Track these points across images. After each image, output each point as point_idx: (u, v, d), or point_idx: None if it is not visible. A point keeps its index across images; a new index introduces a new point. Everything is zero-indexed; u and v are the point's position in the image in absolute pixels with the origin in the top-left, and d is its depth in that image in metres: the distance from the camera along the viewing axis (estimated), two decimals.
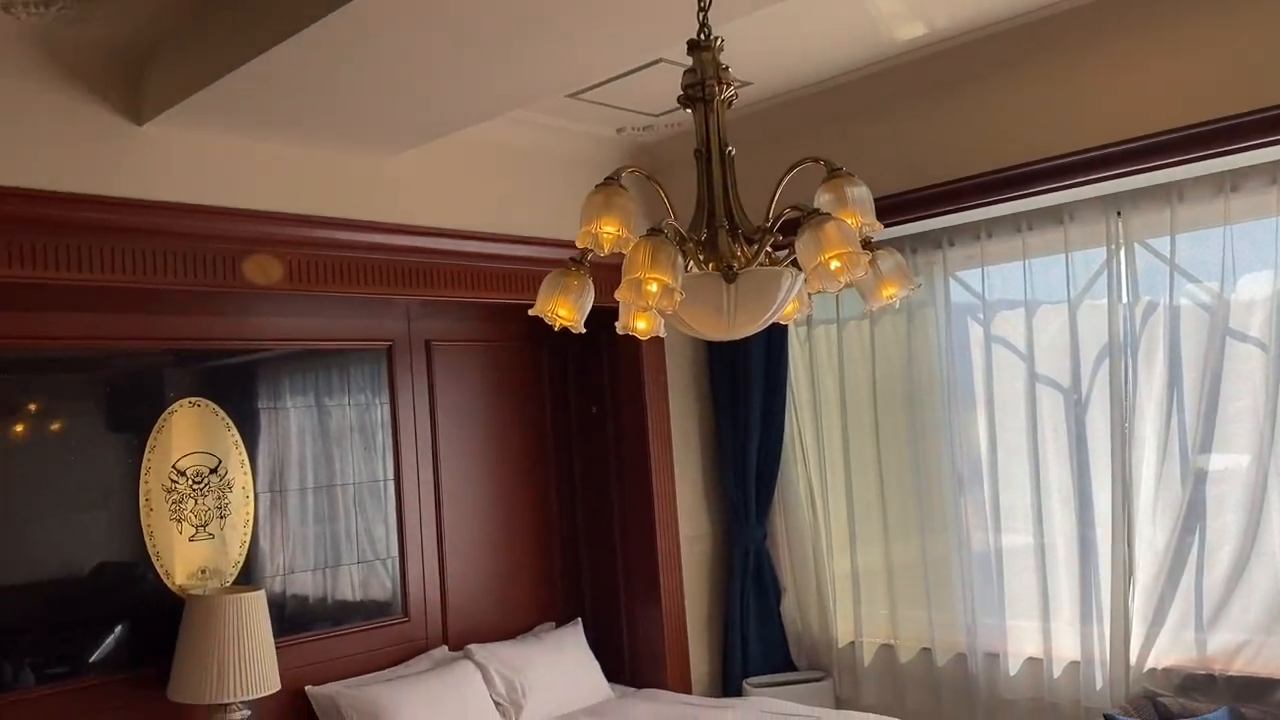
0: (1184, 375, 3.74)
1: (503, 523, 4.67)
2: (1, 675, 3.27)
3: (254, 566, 3.88)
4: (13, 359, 3.39)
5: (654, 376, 4.71)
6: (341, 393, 4.23)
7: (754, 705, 4.10)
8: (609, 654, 4.68)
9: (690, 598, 4.78)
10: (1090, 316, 3.96)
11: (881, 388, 4.56)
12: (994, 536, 4.20)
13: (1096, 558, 3.93)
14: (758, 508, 4.86)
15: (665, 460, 4.72)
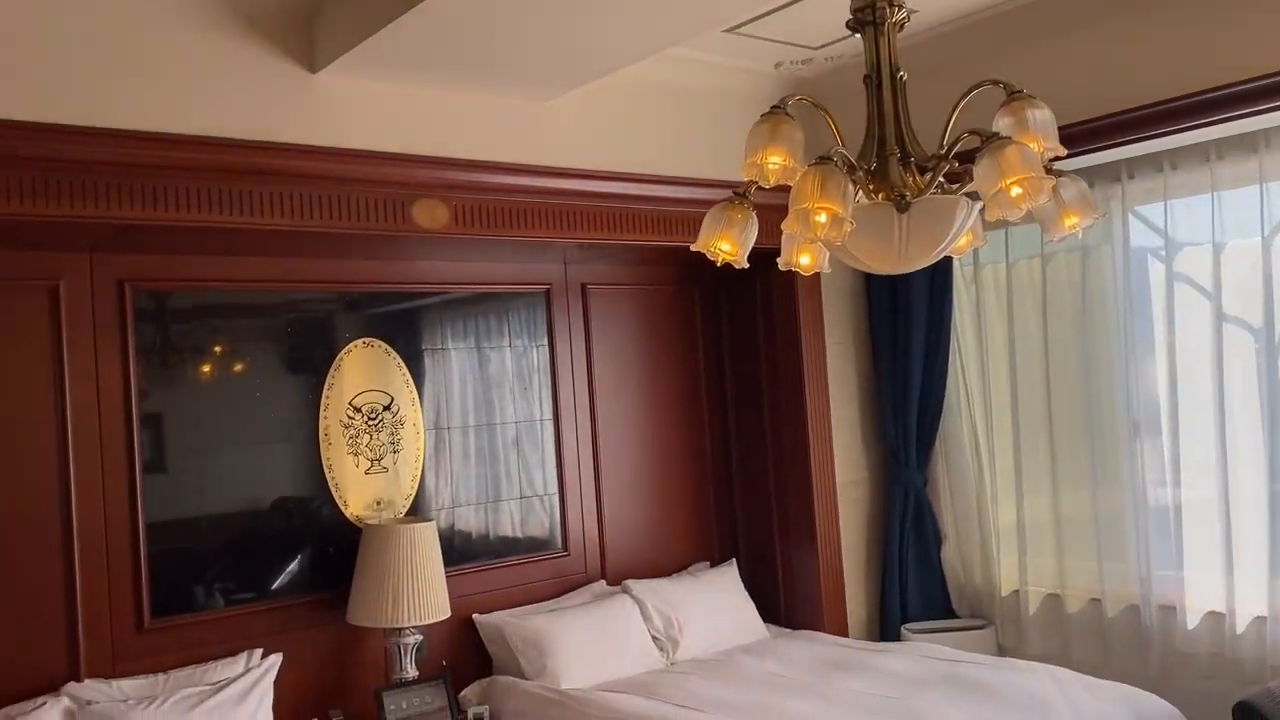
0: None
1: (657, 464, 4.72)
2: (194, 597, 3.52)
3: (423, 500, 4.05)
4: (203, 304, 3.60)
5: (810, 319, 4.65)
6: (502, 335, 4.34)
7: (914, 650, 4.05)
8: (764, 596, 4.69)
9: (847, 542, 4.74)
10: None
11: (1053, 330, 4.37)
12: (1172, 486, 4.00)
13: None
14: (918, 454, 4.76)
15: (822, 404, 4.66)
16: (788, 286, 4.63)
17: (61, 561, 3.28)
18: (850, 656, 3.99)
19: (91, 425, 3.36)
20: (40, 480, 3.26)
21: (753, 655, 4.09)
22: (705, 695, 3.62)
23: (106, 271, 3.41)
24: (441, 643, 3.96)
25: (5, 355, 3.22)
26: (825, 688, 3.63)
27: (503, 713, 3.73)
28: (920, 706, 3.35)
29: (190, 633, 3.48)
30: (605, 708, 3.53)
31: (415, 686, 3.65)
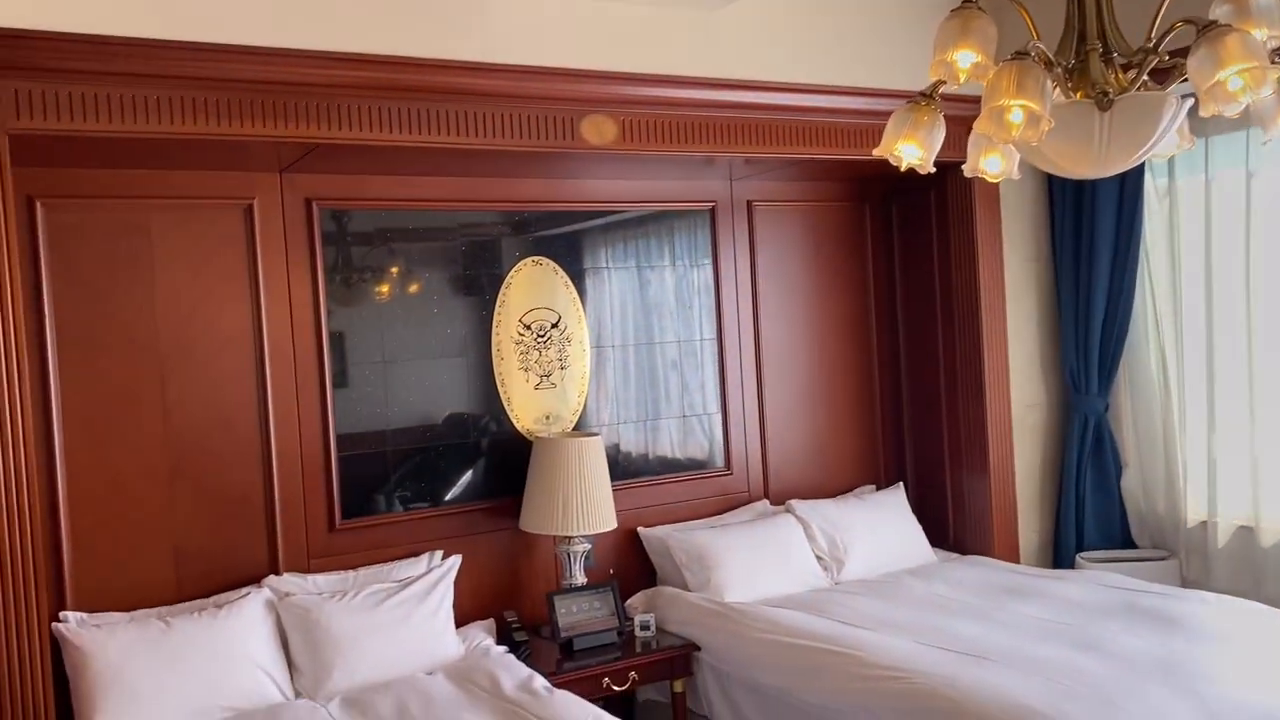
0: None
1: (822, 384, 4.66)
2: (379, 502, 3.72)
3: (588, 416, 4.13)
4: (382, 226, 3.73)
5: (988, 235, 4.45)
6: (666, 254, 4.34)
7: (1090, 578, 3.90)
8: (931, 520, 4.61)
9: (1021, 468, 4.59)
10: None
11: (1257, 251, 4.05)
12: None
13: None
14: (1100, 379, 4.54)
15: (998, 325, 4.48)
16: (965, 202, 4.44)
17: (261, 466, 3.51)
18: (1023, 582, 3.88)
19: (284, 339, 3.55)
20: (241, 389, 3.48)
21: (920, 578, 4.03)
22: (872, 614, 3.60)
23: (295, 191, 3.57)
24: (607, 553, 4.07)
25: (208, 269, 3.43)
26: (997, 612, 3.55)
27: (668, 621, 3.82)
28: (1099, 634, 3.24)
29: (376, 534, 3.68)
30: (771, 622, 3.56)
31: (584, 592, 3.78)
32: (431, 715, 2.90)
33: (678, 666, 3.68)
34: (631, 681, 3.59)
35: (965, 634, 3.33)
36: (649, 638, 3.74)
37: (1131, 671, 2.94)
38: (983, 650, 3.16)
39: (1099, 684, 2.86)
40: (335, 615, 3.26)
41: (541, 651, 3.64)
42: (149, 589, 3.31)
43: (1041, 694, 2.81)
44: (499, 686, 3.07)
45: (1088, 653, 3.09)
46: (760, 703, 3.44)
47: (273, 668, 3.17)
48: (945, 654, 3.16)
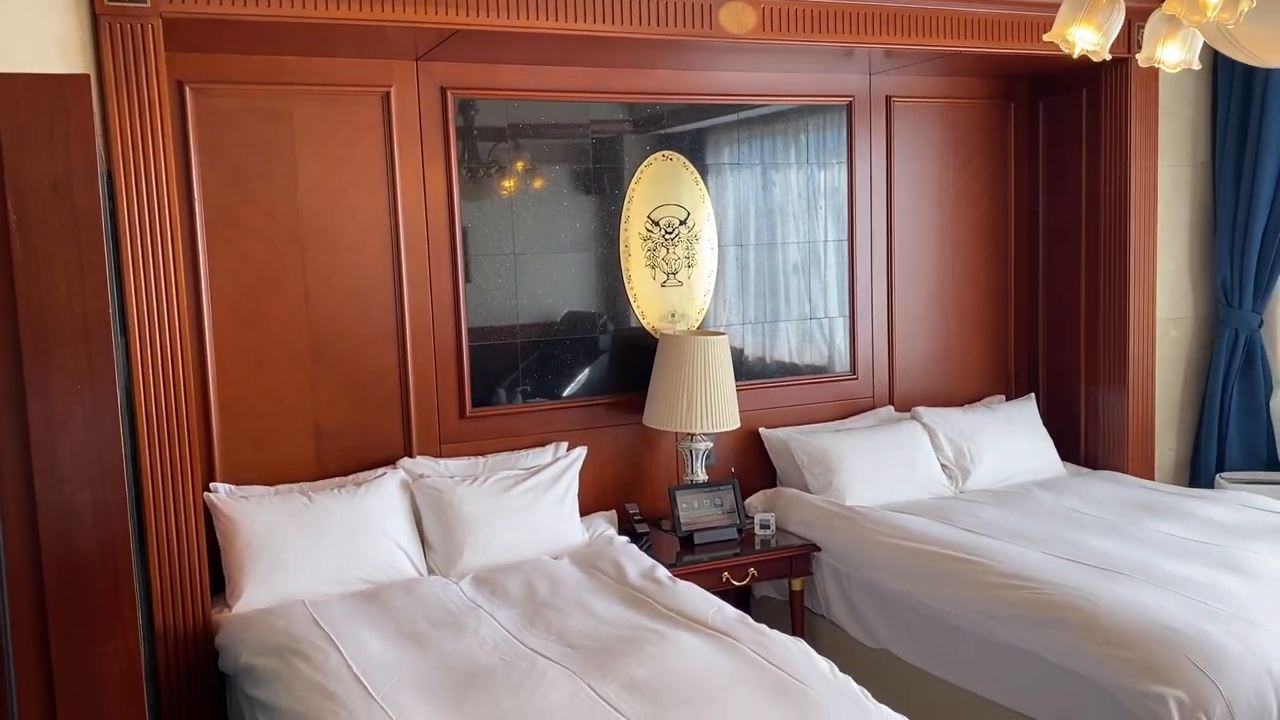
0: None
1: (955, 291, 4.52)
2: (509, 392, 3.78)
3: (714, 314, 4.10)
4: (515, 121, 3.71)
5: (1143, 139, 4.19)
6: (800, 151, 4.22)
7: (1231, 499, 3.75)
8: (1063, 434, 4.47)
9: (1162, 383, 4.41)
10: None
11: None
12: None
13: None
14: (1255, 293, 4.29)
15: (1148, 234, 4.25)
16: (1119, 101, 4.19)
17: (396, 352, 3.60)
18: (1159, 500, 3.76)
19: (419, 229, 3.60)
20: (377, 276, 3.56)
21: (1049, 490, 3.94)
22: (999, 524, 3.54)
23: (430, 80, 3.57)
24: (729, 452, 4.08)
25: (348, 156, 3.48)
26: (1132, 528, 3.45)
27: (788, 522, 3.83)
28: (1241, 555, 3.13)
29: (504, 423, 3.76)
30: (894, 526, 3.53)
31: (705, 489, 3.80)
32: (559, 596, 2.98)
33: (797, 566, 3.70)
34: (750, 577, 3.62)
35: (1098, 548, 3.25)
36: (768, 536, 3.76)
37: (1276, 594, 2.83)
38: (1117, 565, 3.08)
39: (1241, 604, 2.77)
40: (466, 498, 3.36)
41: (662, 543, 3.70)
42: (291, 465, 3.46)
43: (1180, 611, 2.73)
44: (623, 573, 3.13)
45: (1229, 573, 2.98)
46: (880, 605, 3.44)
47: (408, 545, 3.29)
48: (1076, 566, 3.09)
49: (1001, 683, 2.99)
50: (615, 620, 2.78)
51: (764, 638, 2.60)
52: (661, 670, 2.42)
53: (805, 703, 2.26)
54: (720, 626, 2.68)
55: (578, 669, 2.47)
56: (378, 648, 2.67)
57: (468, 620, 2.84)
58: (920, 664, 3.28)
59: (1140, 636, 2.63)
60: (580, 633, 2.72)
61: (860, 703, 2.31)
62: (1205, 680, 2.46)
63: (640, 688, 2.34)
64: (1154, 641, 2.61)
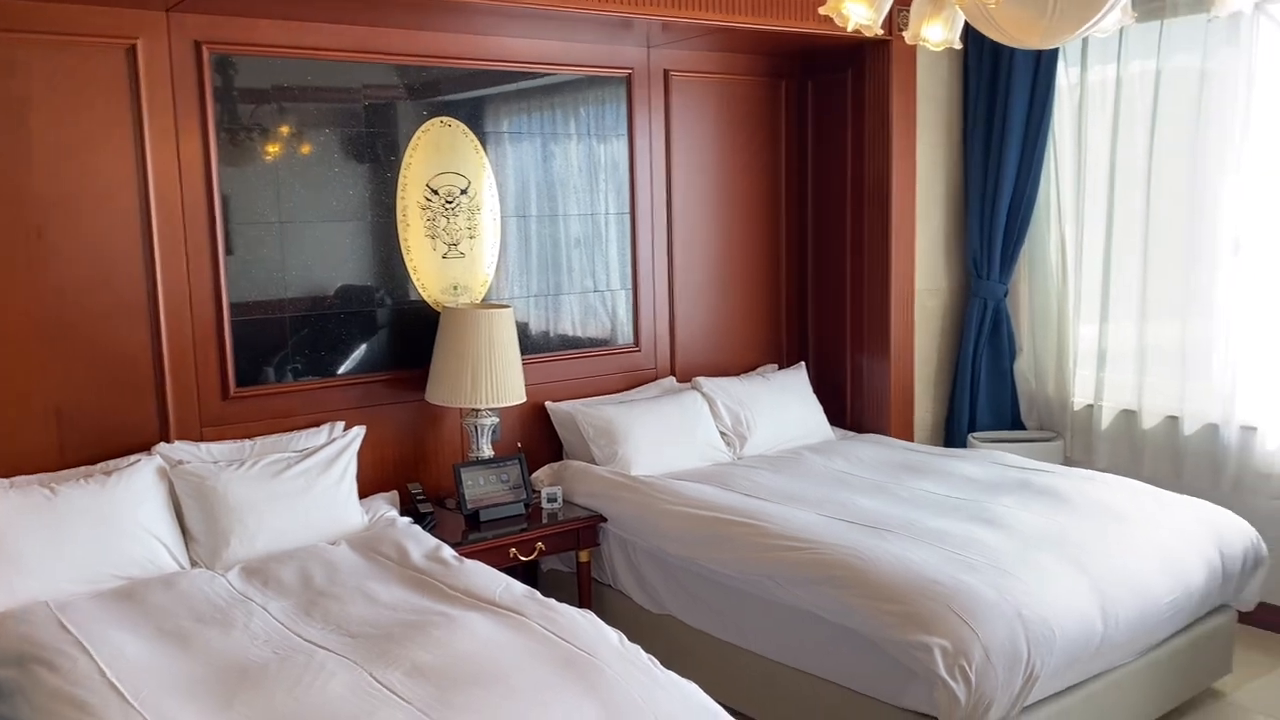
0: None
1: (732, 263, 4.64)
2: (279, 370, 3.57)
3: (498, 287, 4.03)
4: (280, 84, 3.48)
5: (903, 119, 4.42)
6: (584, 122, 4.19)
7: (982, 456, 4.04)
8: (831, 400, 4.69)
9: (920, 350, 4.69)
10: None
11: (1161, 144, 4.13)
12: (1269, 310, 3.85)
13: None
14: (1002, 265, 4.63)
15: (907, 209, 4.50)
16: (882, 83, 4.40)
17: (149, 327, 3.31)
18: (919, 460, 4.00)
19: (172, 194, 3.32)
20: (124, 244, 3.25)
21: (820, 454, 4.11)
22: (774, 487, 3.66)
23: (183, 33, 3.29)
24: (515, 427, 4.03)
25: (88, 114, 3.15)
26: (896, 487, 3.65)
27: (575, 494, 3.82)
28: (993, 508, 3.37)
29: (276, 403, 3.55)
30: (677, 494, 3.59)
31: (491, 465, 3.73)
32: (337, 584, 2.84)
33: (584, 537, 3.70)
34: (538, 552, 3.59)
35: (866, 507, 3.41)
36: (556, 510, 3.74)
37: (1024, 543, 3.07)
38: (884, 523, 3.25)
39: (994, 554, 2.98)
40: (232, 484, 3.14)
41: (447, 523, 3.60)
42: (29, 455, 3.13)
43: (942, 564, 2.90)
44: (406, 556, 3.02)
45: (984, 526, 3.20)
46: (664, 572, 3.49)
47: (167, 536, 3.05)
48: (847, 525, 3.24)
49: (781, 642, 3.10)
50: (398, 605, 2.68)
51: (552, 612, 2.57)
52: (447, 653, 2.34)
53: (594, 675, 2.25)
54: (508, 604, 2.63)
55: (358, 658, 2.36)
56: (135, 649, 2.45)
57: (237, 614, 2.66)
58: (703, 627, 3.35)
59: (907, 590, 2.79)
60: (361, 620, 2.60)
61: (649, 671, 2.32)
62: (965, 628, 2.63)
63: (425, 673, 2.26)
64: (919, 594, 2.76)
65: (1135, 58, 4.21)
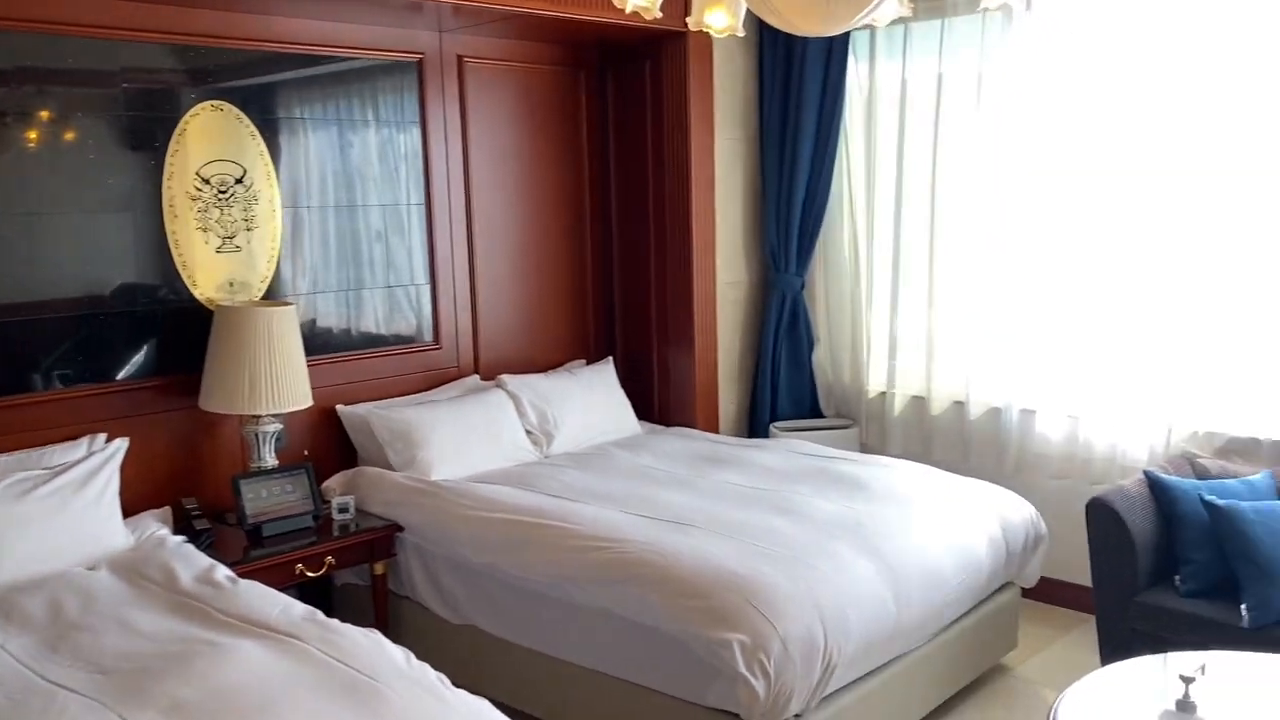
0: None
1: (536, 257, 4.53)
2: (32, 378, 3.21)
3: (281, 283, 3.77)
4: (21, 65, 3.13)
5: (701, 111, 4.43)
6: (372, 108, 3.98)
7: (782, 445, 4.09)
8: (638, 394, 4.66)
9: (723, 342, 4.72)
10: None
11: (945, 135, 4.28)
12: (1050, 296, 4.06)
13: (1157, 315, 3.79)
14: (798, 258, 4.70)
15: (707, 202, 4.51)
16: (679, 75, 4.39)
17: None
18: (723, 451, 4.00)
19: None
20: None
21: (627, 449, 4.06)
22: (580, 486, 3.58)
23: None
24: (303, 433, 3.79)
25: None
26: (700, 480, 3.63)
27: (369, 503, 3.62)
28: (791, 497, 3.39)
29: (18, 416, 3.18)
30: (479, 498, 3.45)
31: (275, 476, 3.48)
32: (92, 614, 2.56)
33: (379, 548, 3.51)
34: (328, 566, 3.37)
35: (670, 502, 3.37)
36: (347, 520, 3.54)
37: (821, 532, 3.09)
38: (686, 517, 3.21)
39: (791, 544, 2.99)
40: None
41: (227, 540, 3.34)
42: None
43: (742, 557, 2.89)
44: (174, 579, 2.76)
45: (782, 516, 3.22)
46: (465, 580, 3.35)
47: None
48: (651, 522, 3.19)
49: (585, 646, 3.01)
50: (160, 635, 2.43)
51: (332, 634, 2.39)
52: (212, 686, 2.13)
53: (376, 700, 2.09)
54: (284, 628, 2.43)
55: (109, 698, 2.11)
56: None
57: None
58: (506, 635, 3.23)
59: (707, 584, 2.75)
60: (116, 654, 2.34)
61: (436, 691, 2.19)
62: (764, 622, 2.62)
63: (184, 710, 2.05)
64: (719, 588, 2.73)
65: (920, 54, 4.34)
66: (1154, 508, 3.31)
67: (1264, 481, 3.35)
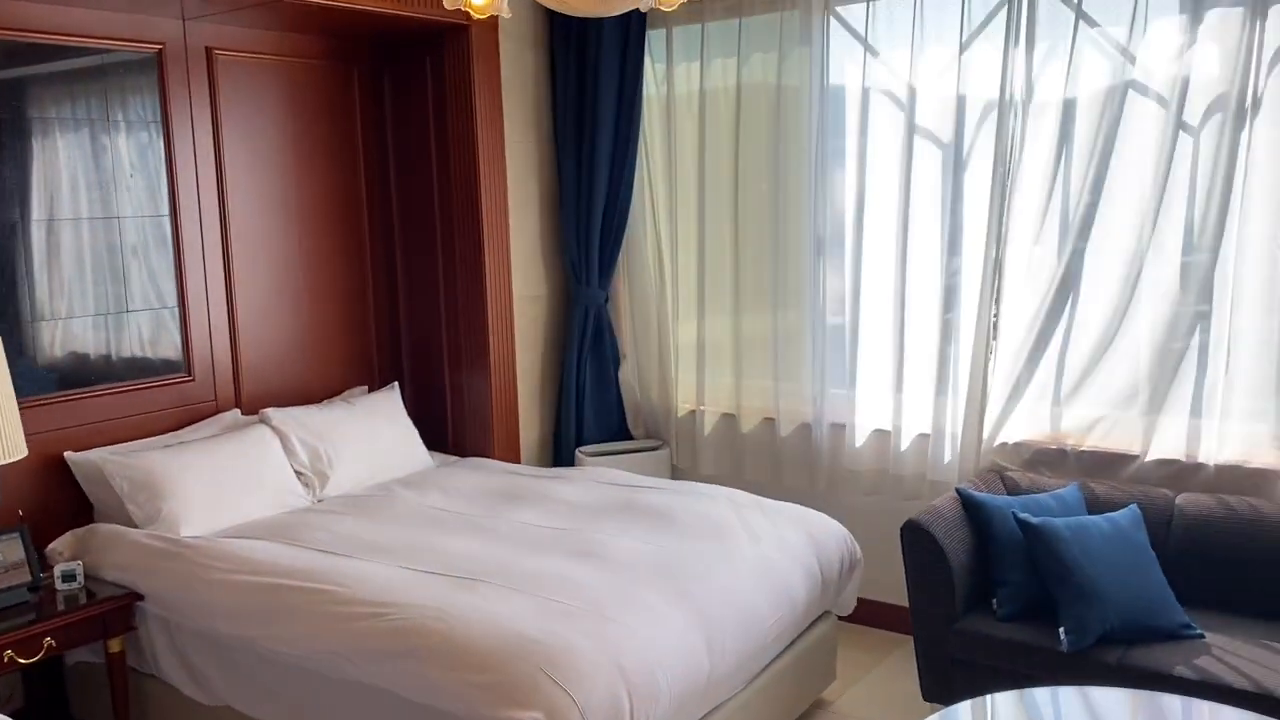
0: (1075, 134, 3.41)
1: (308, 274, 4.05)
2: None
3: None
4: None
5: (488, 112, 4.07)
6: (109, 107, 3.43)
7: (588, 475, 3.78)
8: (430, 422, 4.26)
9: (522, 362, 4.37)
10: (981, 63, 3.55)
11: (745, 139, 4.08)
12: (852, 303, 3.91)
13: (959, 326, 3.70)
14: (600, 268, 4.41)
15: (499, 211, 4.16)
16: (462, 73, 4.02)
17: None
18: (521, 485, 3.65)
19: None
20: None
21: (413, 489, 3.65)
22: (355, 537, 3.15)
23: None
24: (21, 488, 3.20)
25: None
26: (494, 521, 3.27)
27: (102, 568, 3.08)
28: (595, 537, 3.08)
29: None
30: (233, 558, 2.98)
31: None
32: None
33: (113, 622, 2.98)
34: (46, 650, 2.82)
35: (458, 552, 3.00)
36: (75, 590, 2.99)
37: (625, 578, 2.79)
38: (476, 570, 2.84)
39: (593, 596, 2.67)
40: None
41: None
42: None
43: (534, 616, 2.55)
44: None
45: (584, 562, 2.90)
46: (217, 655, 2.87)
47: None
48: (434, 579, 2.80)
49: None
50: None
51: None
52: None
53: None
54: None
55: None
56: None
57: None
58: (267, 718, 2.77)
59: (496, 655, 2.40)
60: None
61: None
62: (561, 694, 2.28)
63: None
64: (510, 657, 2.38)
65: (719, 55, 4.13)
66: (968, 528, 3.18)
67: (1072, 495, 3.29)
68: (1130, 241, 3.35)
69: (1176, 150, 3.23)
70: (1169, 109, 3.23)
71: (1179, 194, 3.25)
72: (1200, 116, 3.21)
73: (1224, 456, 3.28)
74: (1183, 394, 3.34)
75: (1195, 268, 3.26)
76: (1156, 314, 3.33)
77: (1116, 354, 3.43)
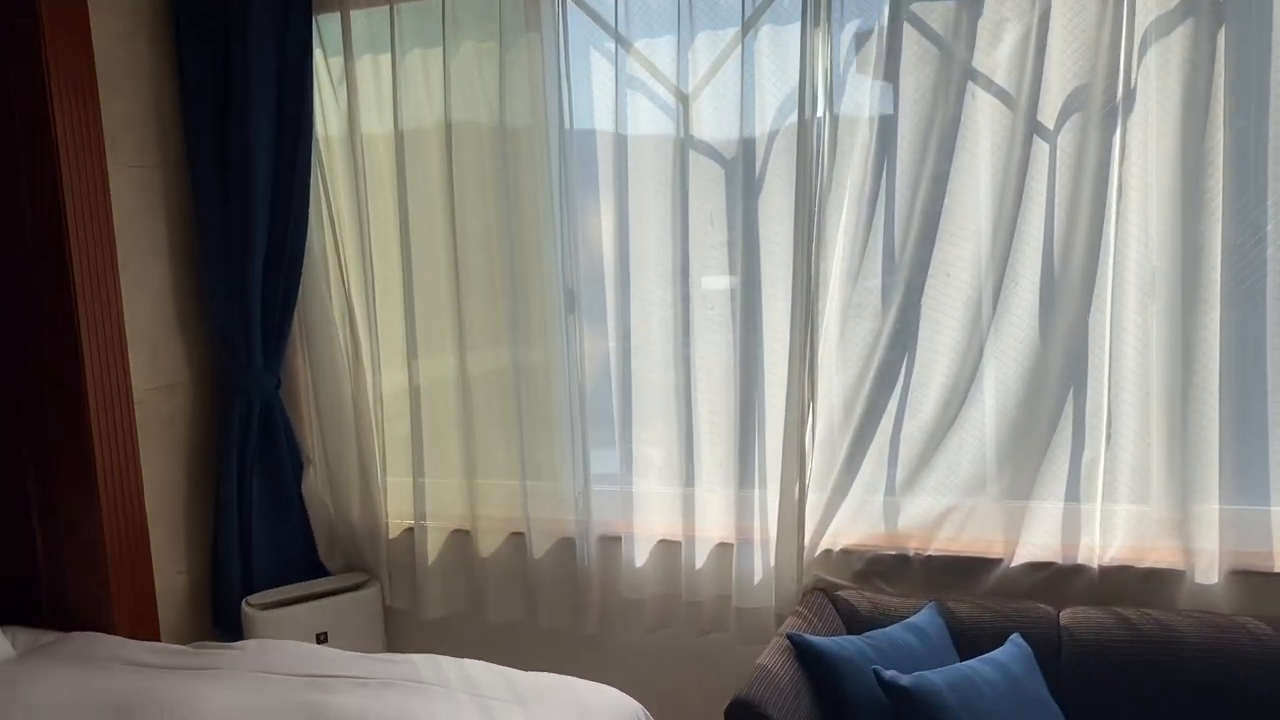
0: (898, 136, 2.60)
1: None
2: None
3: None
4: None
5: (78, 124, 2.77)
6: None
7: (255, 657, 2.53)
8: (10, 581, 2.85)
9: (155, 478, 3.05)
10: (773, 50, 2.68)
11: (462, 158, 3.01)
12: (620, 371, 2.92)
13: (765, 394, 2.79)
14: (266, 341, 3.17)
15: (104, 264, 2.84)
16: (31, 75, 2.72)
17: None
18: (136, 688, 2.34)
19: None
20: None
21: None
22: None
23: None
24: None
25: None
26: None
27: None
28: None
29: None
30: None
31: None
32: None
33: None
34: None
35: None
36: None
37: None
38: None
39: None
40: None
41: None
42: None
43: None
44: None
45: None
46: None
47: None
48: None
49: None
50: None
51: None
52: None
53: None
54: None
55: None
56: None
57: None
58: None
59: None
60: None
61: None
62: None
63: None
64: None
65: (417, 45, 3.06)
66: (812, 696, 2.25)
67: (931, 622, 2.45)
68: (975, 278, 2.57)
69: (1032, 158, 2.49)
70: (1016, 108, 2.49)
71: (1035, 216, 2.51)
72: (1056, 117, 2.49)
73: (1109, 556, 2.55)
74: (1053, 471, 2.58)
75: (1061, 310, 2.52)
76: (1014, 369, 2.57)
77: (965, 424, 2.64)
